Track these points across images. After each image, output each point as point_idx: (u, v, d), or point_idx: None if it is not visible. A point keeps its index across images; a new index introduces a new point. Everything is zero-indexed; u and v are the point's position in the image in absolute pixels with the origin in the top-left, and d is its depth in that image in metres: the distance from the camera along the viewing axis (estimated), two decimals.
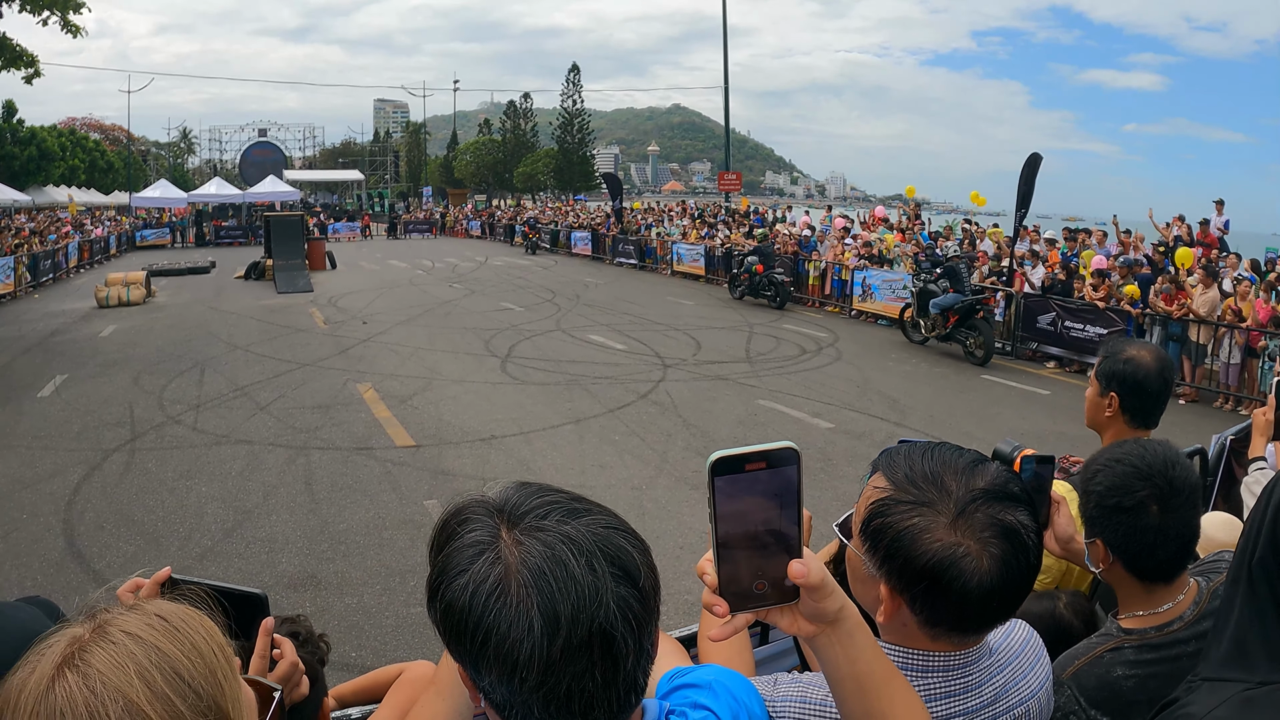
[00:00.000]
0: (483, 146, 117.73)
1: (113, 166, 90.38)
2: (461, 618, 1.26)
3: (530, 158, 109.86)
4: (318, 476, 11.65)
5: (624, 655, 1.27)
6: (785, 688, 1.81)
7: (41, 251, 36.24)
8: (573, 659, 1.23)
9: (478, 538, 1.30)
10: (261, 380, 17.05)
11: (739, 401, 15.49)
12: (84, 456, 12.59)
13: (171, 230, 59.94)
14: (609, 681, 1.27)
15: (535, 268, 40.52)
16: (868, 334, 23.24)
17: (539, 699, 1.25)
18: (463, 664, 1.32)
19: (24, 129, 70.81)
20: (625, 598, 1.27)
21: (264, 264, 36.02)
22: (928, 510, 1.68)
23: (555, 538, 1.27)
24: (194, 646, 1.19)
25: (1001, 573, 1.64)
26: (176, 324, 24.58)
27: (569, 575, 1.24)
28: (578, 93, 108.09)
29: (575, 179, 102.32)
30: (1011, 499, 1.70)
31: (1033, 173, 21.77)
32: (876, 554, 1.70)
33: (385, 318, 25.19)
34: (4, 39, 28.15)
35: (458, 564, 1.29)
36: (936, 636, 1.73)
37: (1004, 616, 1.74)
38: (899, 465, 1.76)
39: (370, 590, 8.41)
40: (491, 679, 1.27)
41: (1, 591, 8.31)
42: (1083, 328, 18.95)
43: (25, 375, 17.99)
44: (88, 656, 1.13)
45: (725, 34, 49.46)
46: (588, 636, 1.23)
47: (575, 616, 1.23)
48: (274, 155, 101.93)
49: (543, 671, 1.23)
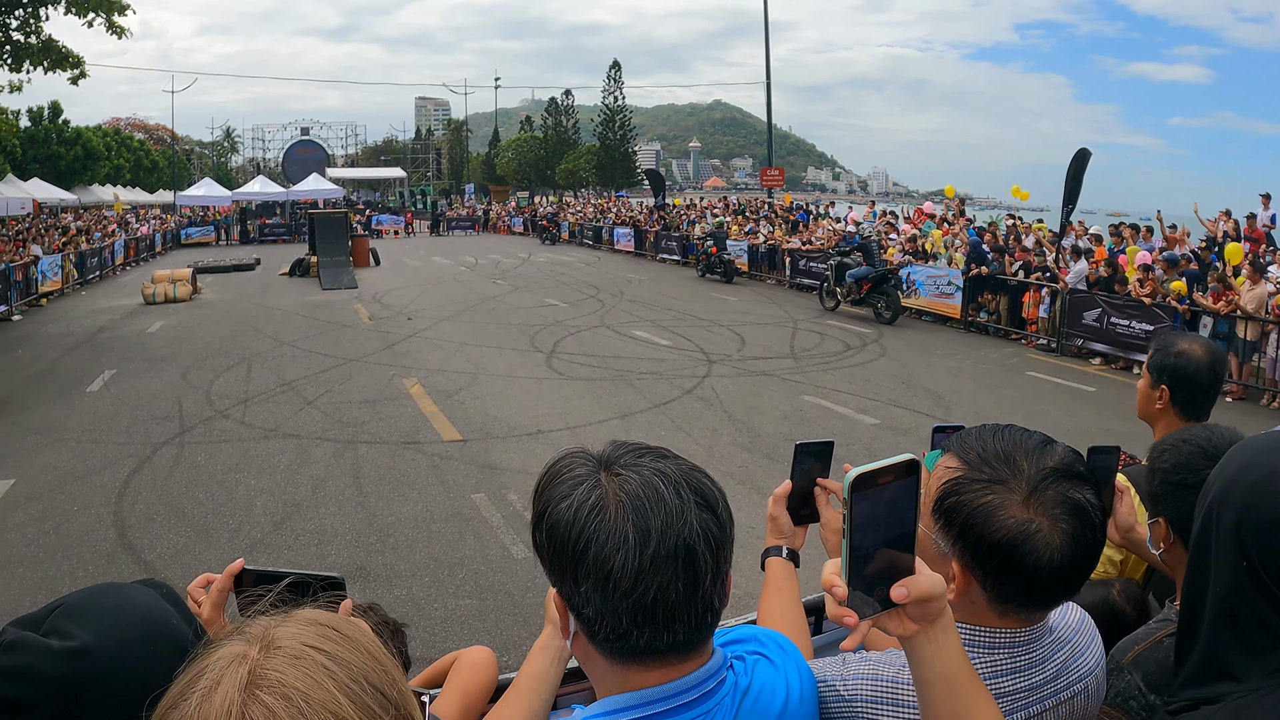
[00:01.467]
0: (524, 143, 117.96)
1: (157, 165, 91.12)
2: (565, 533, 1.46)
3: (572, 154, 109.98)
4: (366, 470, 11.73)
5: (703, 572, 1.47)
6: (855, 666, 1.83)
7: (88, 249, 36.63)
8: (660, 569, 1.43)
9: (579, 475, 1.51)
10: (308, 375, 17.19)
11: (784, 397, 15.47)
12: (134, 450, 12.73)
13: (216, 228, 60.37)
14: (689, 596, 1.46)
15: (578, 264, 40.55)
16: (912, 330, 23.14)
17: (628, 607, 1.44)
18: (562, 581, 1.51)
19: (70, 129, 71.40)
20: (706, 521, 1.48)
21: (309, 260, 36.18)
22: (1001, 488, 1.72)
23: (648, 471, 1.49)
24: (371, 654, 1.16)
25: (1071, 548, 1.69)
26: (223, 320, 24.80)
27: (659, 497, 1.46)
28: (619, 89, 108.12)
29: (617, 175, 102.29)
30: (1079, 478, 1.75)
31: (1081, 168, 21.61)
32: (950, 532, 1.74)
33: (430, 313, 25.31)
34: (50, 41, 28.43)
35: (561, 493, 1.50)
36: (1005, 613, 1.76)
37: (1070, 593, 1.77)
38: (971, 446, 1.80)
39: (419, 582, 8.47)
40: (587, 588, 1.46)
41: (53, 582, 8.48)
42: (1129, 324, 18.71)
43: (74, 370, 18.22)
44: (275, 675, 1.08)
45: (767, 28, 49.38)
46: (674, 549, 1.44)
47: (664, 531, 1.44)
48: (316, 153, 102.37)
49: (634, 578, 1.43)
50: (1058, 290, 20.52)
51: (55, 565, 8.95)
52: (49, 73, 29.03)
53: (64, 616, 1.47)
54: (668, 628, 1.47)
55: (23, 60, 28.45)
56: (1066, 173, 21.74)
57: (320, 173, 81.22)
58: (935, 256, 25.47)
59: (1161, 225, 22.16)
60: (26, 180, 52.40)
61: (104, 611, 1.50)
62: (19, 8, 27.35)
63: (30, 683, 1.39)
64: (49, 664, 1.40)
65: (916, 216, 32.04)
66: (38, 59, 28.37)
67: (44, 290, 30.00)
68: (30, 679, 1.39)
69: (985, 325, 22.73)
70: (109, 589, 1.57)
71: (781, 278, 32.32)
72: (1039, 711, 1.81)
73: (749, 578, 8.23)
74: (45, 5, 27.34)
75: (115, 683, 1.41)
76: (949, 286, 23.58)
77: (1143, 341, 17.92)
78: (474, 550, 9.19)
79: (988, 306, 22.63)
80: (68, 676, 1.40)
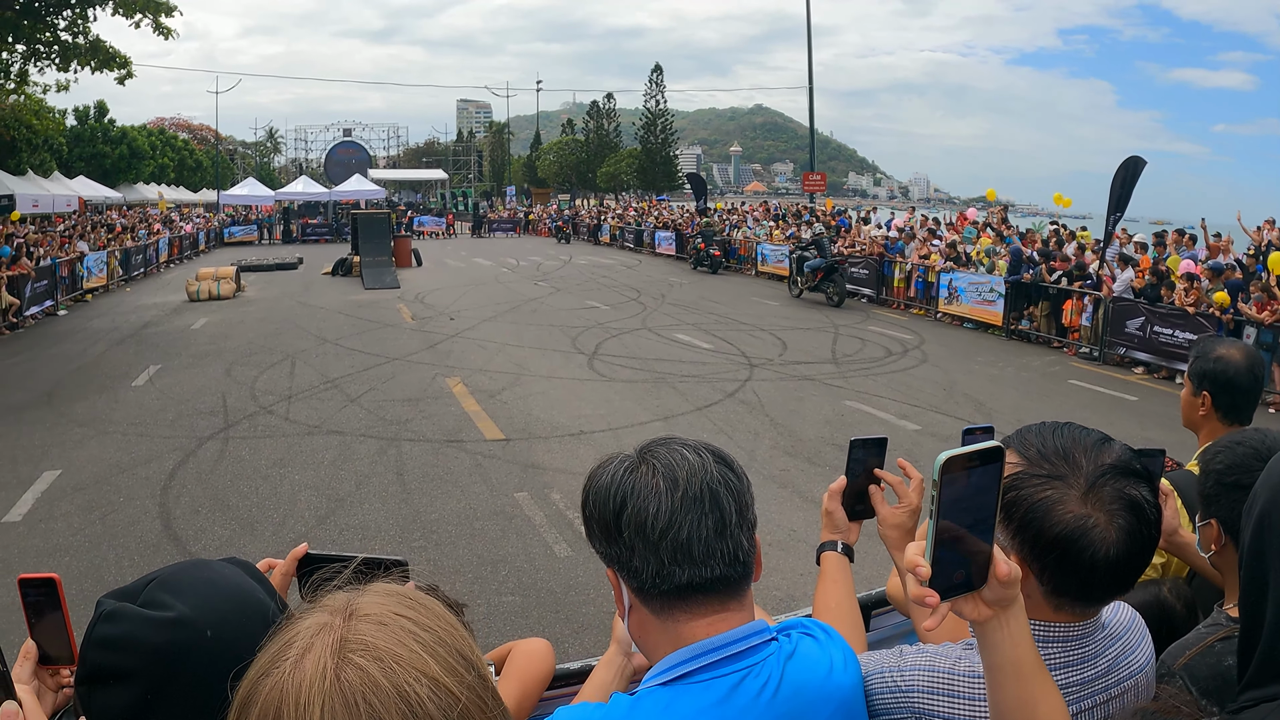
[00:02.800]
0: (566, 146, 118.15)
1: (201, 165, 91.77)
2: (605, 495, 1.70)
3: (613, 158, 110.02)
4: (409, 467, 11.79)
5: (728, 513, 1.67)
6: (912, 658, 1.86)
7: (133, 247, 37.05)
8: (689, 509, 1.64)
9: (620, 460, 1.75)
10: (352, 373, 17.28)
11: (826, 402, 15.42)
12: (179, 443, 12.86)
13: (259, 227, 60.81)
14: (719, 532, 1.65)
15: (619, 267, 40.60)
16: (953, 336, 23.02)
17: (667, 545, 1.63)
18: (609, 542, 1.71)
19: (115, 128, 71.94)
20: (725, 472, 1.70)
21: (351, 260, 36.37)
22: (1060, 484, 1.74)
23: (678, 446, 1.73)
24: (449, 622, 1.20)
25: (1127, 544, 1.71)
26: (266, 318, 25.00)
27: (683, 457, 1.70)
28: (660, 93, 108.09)
29: (658, 179, 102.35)
30: (1136, 475, 1.77)
31: (1133, 176, 21.35)
32: (1010, 525, 1.76)
33: (472, 314, 25.40)
34: (97, 41, 28.71)
35: (602, 471, 1.75)
36: (1060, 607, 1.78)
37: (1124, 588, 1.78)
38: (1031, 442, 1.82)
39: (462, 579, 8.48)
40: (629, 534, 1.66)
41: (98, 571, 8.62)
42: (1172, 333, 18.53)
43: (120, 365, 18.42)
44: (364, 639, 1.12)
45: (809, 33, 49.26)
46: (699, 492, 1.65)
47: (689, 478, 1.66)
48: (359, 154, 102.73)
49: (668, 518, 1.63)
50: (1101, 298, 20.37)
51: (100, 555, 9.06)
52: (96, 72, 29.31)
53: (159, 588, 1.50)
54: (704, 563, 1.65)
55: (70, 60, 28.76)
56: (1113, 180, 21.51)
57: (362, 174, 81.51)
58: (978, 264, 25.29)
59: (1205, 234, 21.91)
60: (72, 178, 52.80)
61: (198, 584, 1.53)
62: (67, 8, 27.64)
63: (130, 651, 1.42)
64: (149, 633, 1.42)
65: (959, 222, 31.89)
66: (85, 59, 28.66)
67: (89, 286, 30.38)
68: (130, 648, 1.42)
69: (1027, 333, 22.58)
70: (199, 564, 1.61)
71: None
72: (1090, 706, 1.83)
73: (789, 580, 8.23)
74: (93, 6, 27.63)
75: (210, 653, 1.43)
76: (991, 293, 23.43)
77: (1186, 351, 17.71)
78: (516, 548, 9.22)
79: (1029, 316, 22.51)
80: (167, 646, 1.42)
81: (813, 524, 9.52)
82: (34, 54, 29.18)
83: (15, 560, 8.82)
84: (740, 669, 1.67)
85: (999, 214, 31.39)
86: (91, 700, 1.44)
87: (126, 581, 1.52)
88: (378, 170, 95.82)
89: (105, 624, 1.44)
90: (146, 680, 1.41)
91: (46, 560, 8.83)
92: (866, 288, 29.38)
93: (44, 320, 25.33)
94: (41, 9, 27.53)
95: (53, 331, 23.34)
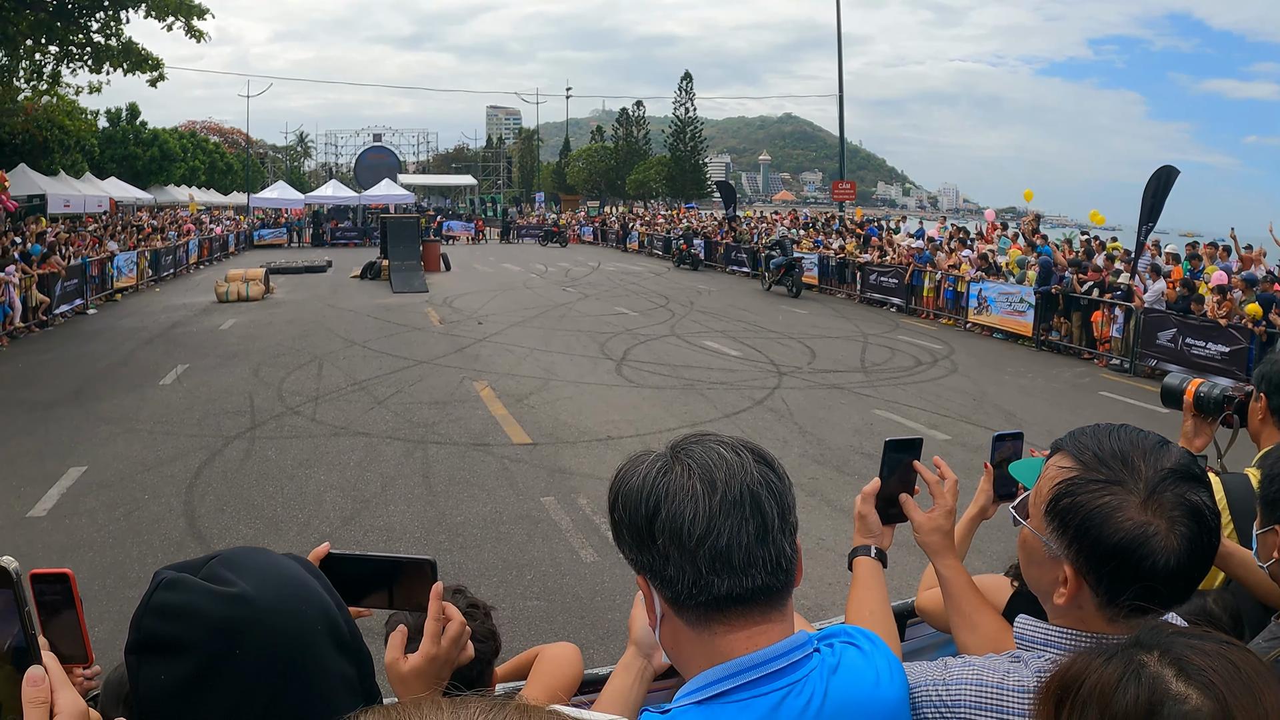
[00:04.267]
0: (595, 153, 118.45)
1: (231, 168, 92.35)
2: (637, 498, 1.57)
3: (642, 165, 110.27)
4: (435, 470, 11.76)
5: (770, 517, 1.56)
6: (958, 670, 1.80)
7: (163, 247, 37.25)
8: (729, 513, 1.52)
9: (651, 460, 1.61)
10: (379, 376, 17.28)
11: (854, 411, 15.32)
12: (205, 442, 12.89)
13: (288, 230, 61.23)
14: (761, 538, 1.54)
15: (647, 274, 40.67)
16: (983, 347, 22.89)
17: (705, 553, 1.52)
18: (641, 548, 1.58)
19: (147, 130, 72.49)
20: (766, 472, 1.59)
21: (380, 264, 36.53)
22: (1119, 489, 1.66)
23: (713, 444, 1.61)
24: None
25: (1189, 552, 1.63)
26: (295, 319, 25.06)
27: (720, 456, 1.57)
28: (690, 101, 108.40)
29: (687, 187, 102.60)
30: (1196, 480, 1.68)
31: (1165, 187, 21.21)
32: (1065, 534, 1.70)
33: (500, 319, 25.41)
34: (130, 43, 28.89)
35: (632, 473, 1.61)
36: (1114, 619, 1.69)
37: (1183, 599, 1.71)
38: (1086, 445, 1.74)
39: (486, 582, 8.44)
40: (664, 541, 1.54)
41: (122, 567, 8.66)
42: (1204, 345, 18.37)
43: (148, 364, 18.50)
44: None
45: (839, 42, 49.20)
46: (739, 495, 1.53)
47: (728, 480, 1.54)
48: (388, 159, 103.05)
49: (706, 523, 1.51)
50: (1132, 310, 20.19)
51: (124, 551, 9.07)
52: (128, 74, 29.50)
53: (221, 565, 1.46)
54: (745, 572, 1.54)
55: (102, 62, 28.96)
56: (1145, 190, 21.37)
57: (392, 178, 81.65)
58: (1008, 275, 25.12)
59: (1236, 245, 21.73)
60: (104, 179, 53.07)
61: (260, 566, 1.49)
62: (99, 10, 27.81)
63: (190, 621, 1.37)
64: (210, 605, 1.39)
65: (989, 230, 31.77)
66: (117, 61, 28.84)
67: (119, 286, 30.56)
68: (191, 618, 1.38)
69: (1057, 344, 22.41)
70: (258, 550, 1.56)
71: (852, 292, 32.09)
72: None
73: (818, 589, 8.15)
74: (125, 8, 27.79)
75: (270, 633, 1.40)
76: (1021, 304, 23.27)
77: (1219, 364, 17.60)
78: (542, 552, 9.17)
79: (1059, 328, 22.36)
80: (228, 620, 1.38)
81: (841, 533, 9.52)
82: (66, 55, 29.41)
83: (39, 555, 8.82)
84: (781, 687, 1.57)
85: (1030, 223, 31.16)
86: (140, 671, 1.38)
87: (150, 577, 1.46)
88: (407, 175, 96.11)
89: (165, 591, 1.40)
90: (202, 654, 1.36)
91: (70, 555, 8.84)
92: (896, 297, 29.23)
93: (74, 319, 25.46)
94: (74, 10, 27.74)
95: (82, 330, 23.46)
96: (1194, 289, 19.35)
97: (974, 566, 2.42)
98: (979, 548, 3.65)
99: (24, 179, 37.05)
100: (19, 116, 37.81)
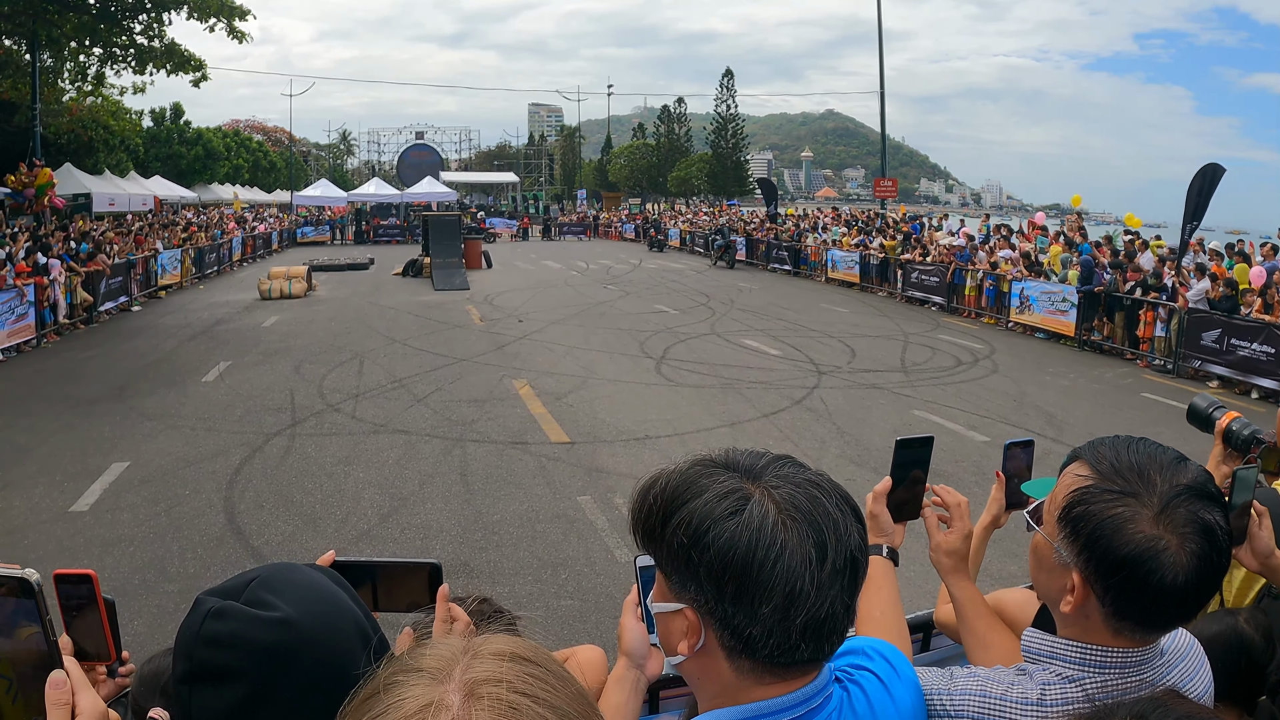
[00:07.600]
0: (636, 150, 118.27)
1: (275, 166, 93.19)
2: (741, 554, 1.37)
3: (684, 162, 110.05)
4: (473, 468, 11.81)
5: (861, 583, 1.46)
6: (963, 681, 1.80)
7: (207, 245, 37.67)
8: (834, 583, 1.39)
9: (729, 488, 1.42)
10: (419, 373, 17.38)
11: (894, 411, 15.25)
12: (246, 439, 13.01)
13: (331, 228, 61.81)
14: (849, 606, 1.44)
15: (689, 271, 40.64)
16: (1025, 346, 22.70)
17: (802, 623, 1.38)
18: (719, 600, 1.40)
19: (191, 130, 73.40)
20: (860, 531, 1.46)
21: (421, 262, 36.68)
22: (1133, 501, 1.67)
23: (804, 483, 1.44)
24: (574, 692, 1.08)
25: (1198, 569, 1.63)
26: (336, 317, 25.26)
27: (826, 511, 1.41)
28: (731, 98, 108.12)
29: (729, 184, 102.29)
30: (1212, 499, 1.69)
31: (1210, 185, 20.99)
32: (1076, 542, 1.71)
33: (540, 316, 25.48)
34: (173, 45, 29.20)
35: (721, 510, 1.40)
36: (1120, 631, 1.72)
37: (1188, 617, 1.72)
38: (1105, 455, 1.75)
39: (521, 580, 8.49)
40: (756, 601, 1.37)
41: (162, 562, 8.69)
42: (1250, 345, 18.02)
43: (191, 360, 18.70)
44: None
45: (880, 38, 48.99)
46: (844, 563, 1.41)
47: (836, 545, 1.40)
48: (431, 157, 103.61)
49: (816, 593, 1.37)
50: (1175, 309, 19.97)
51: (165, 546, 9.15)
52: (171, 75, 29.91)
53: (262, 588, 1.49)
54: (829, 639, 1.44)
55: (146, 63, 29.34)
56: (1189, 188, 21.17)
57: (434, 176, 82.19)
58: (1049, 274, 24.88)
59: None
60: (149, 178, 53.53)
61: (298, 587, 1.52)
62: (142, 12, 28.10)
63: (240, 650, 1.41)
64: (258, 632, 1.42)
65: (1030, 229, 31.48)
66: (160, 62, 29.21)
67: (163, 283, 30.94)
68: (239, 646, 1.42)
69: (1099, 344, 22.20)
70: (291, 567, 1.59)
71: (893, 290, 31.86)
72: None
73: None
74: (168, 10, 28.07)
75: (313, 655, 1.44)
76: (1063, 303, 23.08)
77: (1264, 364, 17.37)
78: (577, 552, 9.19)
79: (1100, 329, 22.16)
80: (276, 646, 1.42)
81: None
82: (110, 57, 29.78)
83: (80, 549, 8.93)
84: None
85: (1075, 221, 30.88)
86: (192, 700, 1.43)
87: (189, 573, 1.49)
88: (449, 173, 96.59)
89: (214, 621, 1.43)
90: (253, 680, 1.41)
91: (111, 550, 8.94)
92: (937, 295, 29.04)
93: (118, 316, 25.75)
94: (117, 13, 28.05)
95: (126, 327, 23.73)
96: (1237, 288, 19.10)
97: (985, 586, 2.42)
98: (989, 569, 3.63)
99: (70, 178, 37.43)
100: (64, 117, 38.26)
